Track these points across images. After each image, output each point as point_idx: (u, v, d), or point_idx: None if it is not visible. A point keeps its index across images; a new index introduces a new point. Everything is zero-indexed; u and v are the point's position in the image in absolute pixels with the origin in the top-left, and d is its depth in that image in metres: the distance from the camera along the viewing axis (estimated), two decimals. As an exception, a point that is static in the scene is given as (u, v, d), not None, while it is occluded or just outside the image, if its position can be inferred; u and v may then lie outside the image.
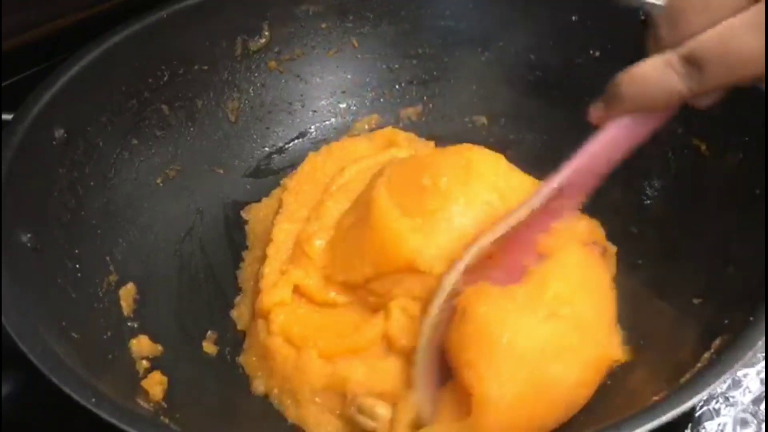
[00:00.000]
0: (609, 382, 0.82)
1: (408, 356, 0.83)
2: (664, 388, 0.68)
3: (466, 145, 0.96)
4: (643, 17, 1.00)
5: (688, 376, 0.67)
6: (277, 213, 1.04)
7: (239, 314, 0.97)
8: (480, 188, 0.87)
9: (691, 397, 0.63)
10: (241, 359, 0.92)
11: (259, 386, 0.88)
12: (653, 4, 1.05)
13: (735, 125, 0.89)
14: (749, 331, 0.69)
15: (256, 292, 0.93)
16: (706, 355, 0.71)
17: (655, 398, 0.65)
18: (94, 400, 0.63)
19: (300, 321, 0.89)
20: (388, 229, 0.85)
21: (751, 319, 0.70)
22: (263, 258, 0.97)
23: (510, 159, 1.09)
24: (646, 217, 1.00)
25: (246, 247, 1.06)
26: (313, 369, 0.83)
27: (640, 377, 0.81)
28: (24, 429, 0.89)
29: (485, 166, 0.90)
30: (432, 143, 1.17)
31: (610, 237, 0.98)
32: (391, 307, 0.85)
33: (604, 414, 0.76)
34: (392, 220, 0.86)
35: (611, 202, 1.02)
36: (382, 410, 0.80)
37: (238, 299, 0.99)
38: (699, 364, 0.69)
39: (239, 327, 0.96)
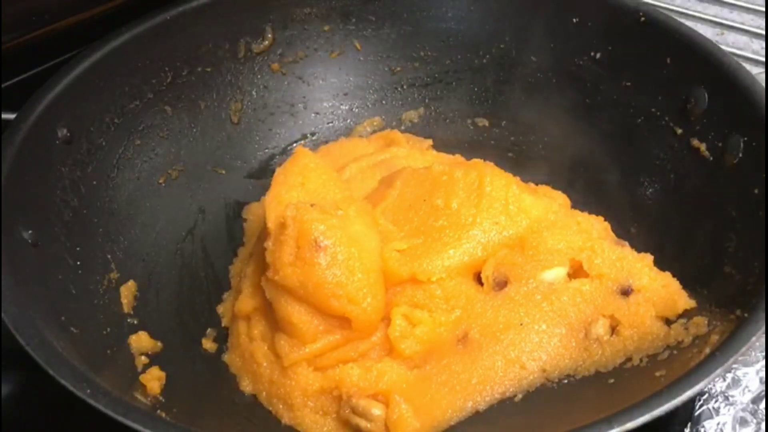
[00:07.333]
0: (612, 380, 0.82)
1: (406, 360, 0.83)
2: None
3: (479, 163, 0.96)
4: (642, 17, 1.01)
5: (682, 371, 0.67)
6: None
7: (224, 311, 0.96)
8: (490, 210, 0.90)
9: (684, 392, 0.63)
10: (226, 358, 0.91)
11: (246, 386, 0.87)
12: (653, 5, 1.06)
13: (734, 125, 0.89)
14: (745, 328, 0.69)
15: (239, 290, 0.92)
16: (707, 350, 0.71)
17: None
18: (89, 391, 0.64)
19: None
20: (387, 251, 0.86)
21: (746, 315, 0.71)
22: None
23: (511, 161, 1.11)
24: (646, 217, 0.99)
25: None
26: (303, 375, 0.82)
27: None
28: (24, 429, 0.89)
29: (497, 189, 0.91)
30: (430, 141, 1.17)
31: (610, 237, 0.98)
32: (393, 313, 0.85)
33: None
34: (392, 243, 0.87)
35: (611, 202, 1.02)
36: (377, 411, 0.80)
37: (225, 295, 0.98)
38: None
39: (223, 324, 0.95)
